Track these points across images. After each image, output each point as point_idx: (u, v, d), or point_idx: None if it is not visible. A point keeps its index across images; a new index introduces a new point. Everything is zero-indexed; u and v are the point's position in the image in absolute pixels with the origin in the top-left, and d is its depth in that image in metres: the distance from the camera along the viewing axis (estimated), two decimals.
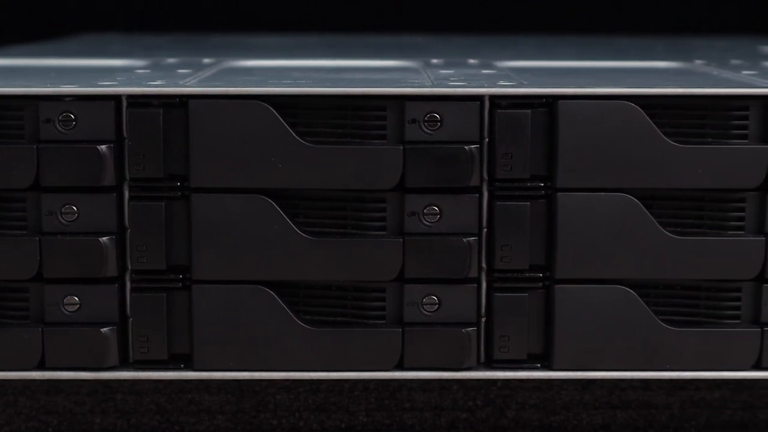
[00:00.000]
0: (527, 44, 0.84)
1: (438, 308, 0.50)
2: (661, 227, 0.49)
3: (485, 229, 0.50)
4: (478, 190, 0.49)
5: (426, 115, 0.49)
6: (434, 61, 0.65)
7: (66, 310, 0.49)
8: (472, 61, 0.65)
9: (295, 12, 1.04)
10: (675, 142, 0.49)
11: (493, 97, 0.49)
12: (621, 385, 0.56)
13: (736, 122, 0.49)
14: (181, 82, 0.51)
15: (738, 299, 0.50)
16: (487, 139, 0.49)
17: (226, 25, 1.01)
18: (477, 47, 0.79)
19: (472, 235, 0.49)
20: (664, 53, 0.74)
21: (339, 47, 0.79)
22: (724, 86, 0.50)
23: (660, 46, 0.82)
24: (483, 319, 0.50)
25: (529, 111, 0.49)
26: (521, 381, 0.55)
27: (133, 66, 0.62)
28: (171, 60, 0.64)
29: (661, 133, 0.49)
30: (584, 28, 0.99)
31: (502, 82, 0.51)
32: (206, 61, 0.64)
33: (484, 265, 0.50)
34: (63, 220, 0.49)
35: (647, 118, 0.49)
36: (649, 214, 0.49)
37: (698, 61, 0.65)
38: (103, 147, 0.48)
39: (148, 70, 0.58)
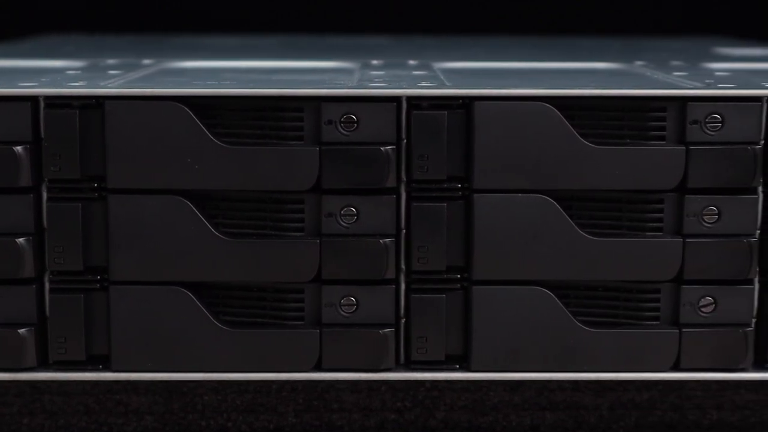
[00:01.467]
0: (484, 45, 0.84)
1: (356, 309, 0.50)
2: (578, 228, 0.49)
3: (403, 230, 0.50)
4: (395, 191, 0.49)
5: (342, 117, 0.49)
6: (374, 62, 0.65)
7: None
8: (411, 62, 0.65)
9: (276, 13, 1.04)
10: (593, 143, 0.49)
11: (411, 99, 0.49)
12: (550, 387, 0.55)
13: (653, 123, 0.49)
14: (102, 84, 0.51)
15: (657, 300, 0.50)
16: (405, 141, 0.49)
17: (197, 27, 1.01)
18: (431, 49, 0.79)
19: (389, 236, 0.49)
20: (615, 54, 0.73)
21: (292, 48, 0.79)
22: (643, 88, 0.50)
23: (616, 48, 0.81)
24: (402, 320, 0.50)
25: (446, 112, 0.49)
26: (450, 382, 0.55)
27: (70, 67, 0.62)
28: (110, 61, 0.64)
29: (577, 135, 0.49)
30: (561, 29, 0.99)
31: (423, 84, 0.51)
32: (146, 62, 0.64)
33: (402, 266, 0.50)
34: None
35: (563, 119, 0.49)
36: (566, 215, 0.49)
37: (638, 62, 0.65)
38: (19, 148, 0.48)
39: (79, 71, 0.58)
